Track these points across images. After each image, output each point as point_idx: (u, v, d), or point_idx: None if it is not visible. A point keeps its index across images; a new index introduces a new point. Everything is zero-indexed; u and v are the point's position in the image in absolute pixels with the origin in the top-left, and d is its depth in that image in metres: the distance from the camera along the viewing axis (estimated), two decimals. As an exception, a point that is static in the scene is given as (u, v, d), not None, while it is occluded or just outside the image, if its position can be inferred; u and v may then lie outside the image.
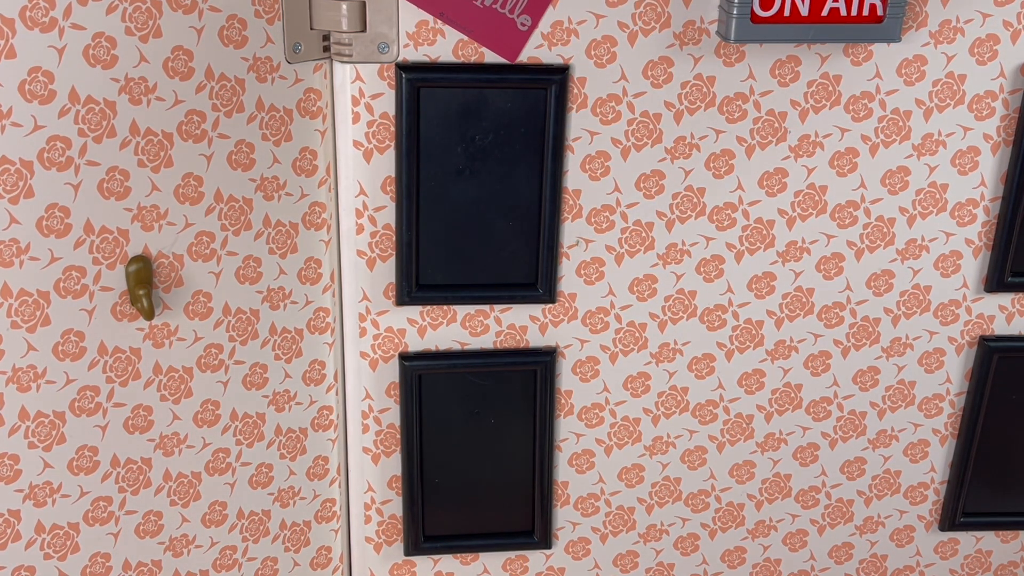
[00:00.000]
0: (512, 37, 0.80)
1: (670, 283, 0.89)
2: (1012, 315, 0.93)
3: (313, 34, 0.80)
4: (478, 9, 0.79)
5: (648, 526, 0.99)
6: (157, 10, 0.73)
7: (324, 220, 0.86)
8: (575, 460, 0.95)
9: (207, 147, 0.79)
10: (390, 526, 0.96)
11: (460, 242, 0.86)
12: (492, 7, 0.79)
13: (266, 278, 0.85)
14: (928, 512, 1.01)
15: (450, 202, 0.84)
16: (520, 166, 0.84)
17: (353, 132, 0.82)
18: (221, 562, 0.91)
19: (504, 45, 0.80)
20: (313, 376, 0.90)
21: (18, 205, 0.73)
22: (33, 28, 0.69)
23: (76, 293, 0.77)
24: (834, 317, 0.92)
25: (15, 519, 0.80)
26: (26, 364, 0.77)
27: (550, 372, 0.90)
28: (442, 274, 0.87)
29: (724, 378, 0.93)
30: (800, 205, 0.88)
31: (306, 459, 0.93)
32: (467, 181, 0.84)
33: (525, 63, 0.81)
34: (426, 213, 0.84)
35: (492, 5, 0.79)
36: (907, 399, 0.96)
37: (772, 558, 1.02)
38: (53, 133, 0.72)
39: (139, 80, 0.74)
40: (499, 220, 0.85)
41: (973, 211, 0.89)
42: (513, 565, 0.99)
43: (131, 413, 0.82)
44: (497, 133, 0.83)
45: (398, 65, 0.80)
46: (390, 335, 0.89)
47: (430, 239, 0.85)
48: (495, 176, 0.84)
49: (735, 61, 0.83)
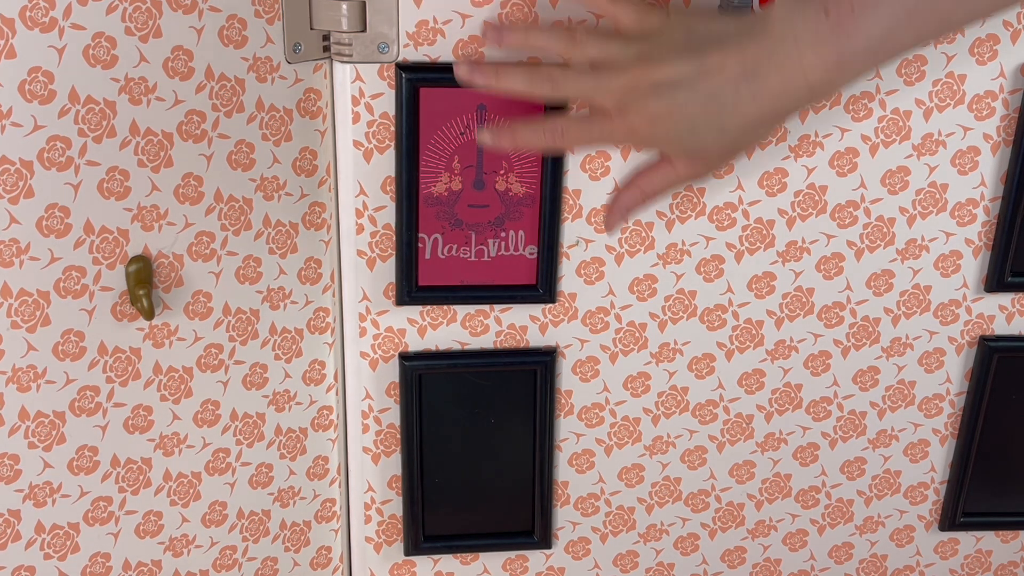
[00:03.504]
0: (524, 265, 0.85)
1: (670, 283, 0.89)
2: (1012, 315, 0.93)
3: (313, 34, 0.80)
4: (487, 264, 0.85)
5: (648, 526, 0.99)
6: (157, 10, 0.73)
7: (324, 220, 0.86)
8: (575, 460, 0.95)
9: (207, 147, 0.79)
10: (390, 526, 0.96)
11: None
12: (499, 254, 0.85)
13: (266, 278, 0.85)
14: (928, 512, 1.01)
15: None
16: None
17: (353, 132, 0.82)
18: (221, 562, 0.91)
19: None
20: (313, 376, 0.90)
21: (18, 205, 0.73)
22: (33, 28, 0.69)
23: (76, 293, 0.77)
24: (834, 317, 0.92)
25: (15, 519, 0.80)
26: (26, 364, 0.77)
27: (550, 372, 0.90)
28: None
29: (724, 378, 0.93)
30: (800, 205, 0.88)
31: (306, 459, 0.93)
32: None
33: (525, 63, 0.81)
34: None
35: (499, 253, 0.84)
36: (907, 399, 0.96)
37: (772, 558, 1.02)
38: (53, 133, 0.72)
39: (139, 80, 0.74)
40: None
41: (973, 211, 0.89)
42: (513, 565, 0.99)
43: (131, 413, 0.82)
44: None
45: (398, 65, 0.80)
46: (390, 335, 0.89)
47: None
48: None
49: (735, 61, 0.83)
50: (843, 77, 0.68)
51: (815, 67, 0.67)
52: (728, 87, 0.68)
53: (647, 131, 0.71)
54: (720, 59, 0.68)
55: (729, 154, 0.73)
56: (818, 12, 0.66)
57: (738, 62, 0.68)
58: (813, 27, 0.66)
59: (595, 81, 0.71)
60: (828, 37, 0.66)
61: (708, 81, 0.68)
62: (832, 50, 0.66)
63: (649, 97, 0.70)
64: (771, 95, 0.68)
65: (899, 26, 0.66)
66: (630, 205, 0.78)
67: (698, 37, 0.69)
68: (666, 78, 0.69)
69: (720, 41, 0.69)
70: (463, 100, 0.81)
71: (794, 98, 0.69)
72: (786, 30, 0.67)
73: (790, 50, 0.67)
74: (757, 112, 0.69)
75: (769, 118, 0.70)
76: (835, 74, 0.67)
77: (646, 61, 0.70)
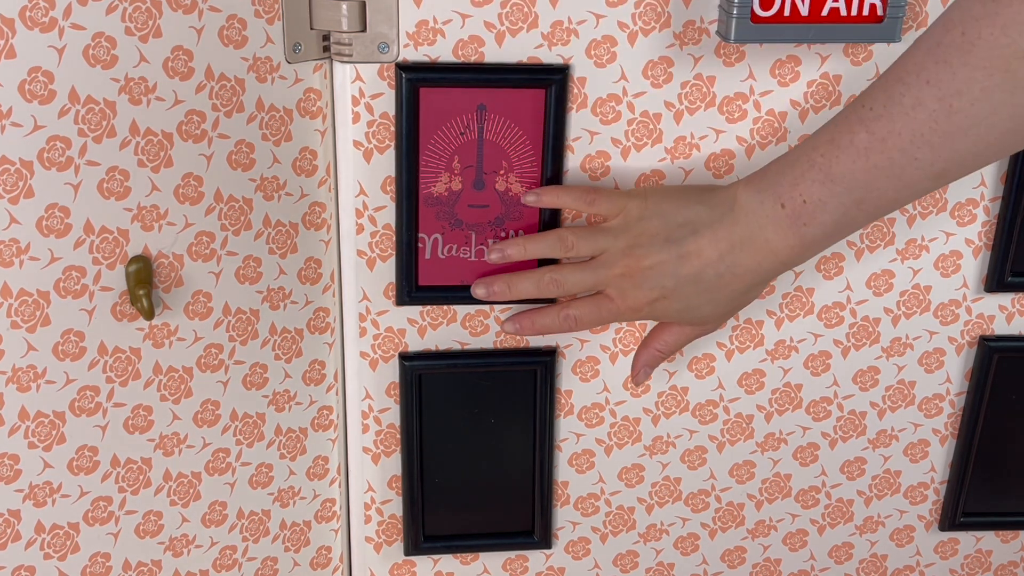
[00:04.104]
0: (525, 267, 0.85)
1: (670, 283, 0.89)
2: (1012, 315, 0.93)
3: (313, 34, 0.80)
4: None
5: (648, 526, 0.99)
6: (157, 10, 0.73)
7: (324, 220, 0.86)
8: (575, 460, 0.95)
9: (207, 147, 0.79)
10: (390, 526, 0.96)
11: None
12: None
13: (266, 278, 0.85)
14: (928, 512, 1.01)
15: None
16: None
17: (353, 132, 0.82)
18: (221, 562, 0.91)
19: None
20: (313, 376, 0.90)
21: (18, 205, 0.73)
22: (33, 28, 0.69)
23: (76, 293, 0.77)
24: (834, 317, 0.92)
25: (15, 519, 0.80)
26: (26, 364, 0.77)
27: (550, 372, 0.90)
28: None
29: (724, 378, 0.93)
30: (800, 205, 0.88)
31: (306, 459, 0.93)
32: (467, 181, 0.84)
33: (525, 63, 0.81)
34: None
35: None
36: (907, 399, 0.96)
37: (772, 558, 1.02)
38: (53, 133, 0.72)
39: (139, 80, 0.74)
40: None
41: (973, 211, 0.89)
42: (513, 565, 0.99)
43: (131, 413, 0.82)
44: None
45: (398, 65, 0.80)
46: (390, 335, 0.89)
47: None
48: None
49: (735, 61, 0.83)
50: (810, 252, 0.75)
51: (781, 249, 0.75)
52: (709, 270, 0.77)
53: (648, 310, 0.80)
54: (697, 247, 0.77)
55: (727, 316, 0.81)
56: (775, 205, 0.74)
57: (713, 248, 0.76)
58: (772, 217, 0.74)
59: (593, 276, 0.80)
60: (787, 226, 0.74)
61: (689, 267, 0.77)
62: (793, 235, 0.74)
63: (641, 284, 0.78)
64: (748, 271, 0.76)
65: (849, 213, 0.72)
66: (650, 364, 0.85)
67: (675, 225, 0.78)
68: (652, 267, 0.78)
69: (695, 229, 0.77)
70: (463, 100, 0.81)
71: (768, 271, 0.77)
72: (750, 219, 0.75)
73: (756, 236, 0.75)
74: (741, 284, 0.77)
75: (754, 285, 0.78)
76: (800, 251, 0.75)
77: (632, 252, 0.78)
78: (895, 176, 0.69)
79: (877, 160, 0.69)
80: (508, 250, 0.83)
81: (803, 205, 0.73)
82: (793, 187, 0.73)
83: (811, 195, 0.72)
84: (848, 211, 0.72)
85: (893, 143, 0.68)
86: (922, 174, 0.68)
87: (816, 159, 0.72)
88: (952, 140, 0.66)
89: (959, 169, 0.68)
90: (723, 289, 0.78)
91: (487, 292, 0.83)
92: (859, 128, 0.69)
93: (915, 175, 0.68)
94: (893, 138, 0.68)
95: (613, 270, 0.79)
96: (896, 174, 0.69)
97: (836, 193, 0.71)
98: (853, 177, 0.70)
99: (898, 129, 0.67)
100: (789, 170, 0.74)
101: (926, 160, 0.67)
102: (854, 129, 0.70)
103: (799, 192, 0.72)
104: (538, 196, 0.83)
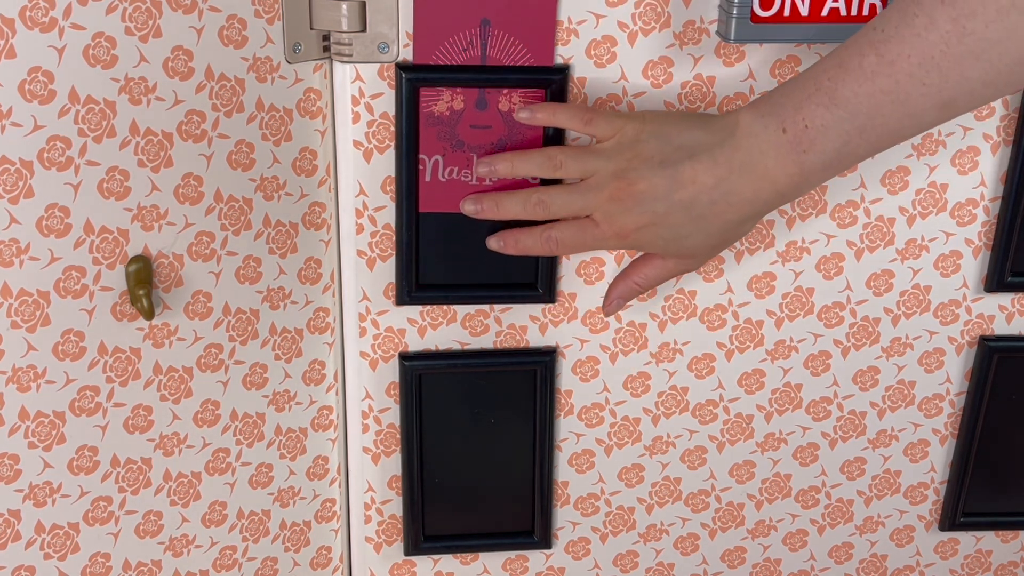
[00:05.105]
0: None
1: (670, 283, 0.89)
2: (1012, 315, 0.93)
3: (313, 34, 0.80)
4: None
5: (648, 526, 0.99)
6: (157, 10, 0.73)
7: (324, 220, 0.86)
8: (575, 460, 0.95)
9: (207, 147, 0.79)
10: (390, 526, 0.96)
11: (460, 242, 0.86)
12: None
13: (266, 278, 0.85)
14: (928, 512, 1.01)
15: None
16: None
17: (353, 132, 0.82)
18: (221, 562, 0.91)
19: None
20: (313, 376, 0.90)
21: (18, 205, 0.73)
22: (33, 28, 0.69)
23: (76, 293, 0.77)
24: (834, 317, 0.92)
25: (15, 519, 0.80)
26: (26, 364, 0.77)
27: (550, 372, 0.90)
28: (442, 274, 0.87)
29: (724, 378, 0.93)
30: (799, 204, 0.88)
31: (306, 459, 0.93)
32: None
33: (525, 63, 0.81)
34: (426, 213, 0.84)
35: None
36: (907, 399, 0.96)
37: (772, 558, 1.02)
38: (53, 133, 0.72)
39: (139, 80, 0.74)
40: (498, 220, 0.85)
41: (973, 211, 0.89)
42: (513, 565, 0.99)
43: (131, 413, 0.82)
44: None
45: (398, 65, 0.80)
46: (390, 335, 0.89)
47: (430, 239, 0.85)
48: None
49: (735, 61, 0.83)
50: (808, 183, 0.73)
51: (780, 177, 0.73)
52: (703, 196, 0.74)
53: (634, 237, 0.77)
54: (692, 172, 0.74)
55: (715, 250, 0.79)
56: (777, 129, 0.72)
57: (710, 174, 0.74)
58: (774, 142, 0.72)
59: (581, 199, 0.77)
60: (787, 152, 0.72)
61: (683, 193, 0.74)
62: (793, 162, 0.72)
63: (631, 209, 0.75)
64: (744, 200, 0.74)
65: (851, 142, 0.70)
66: (624, 296, 0.83)
67: (671, 148, 0.75)
68: (644, 191, 0.75)
69: (692, 153, 0.74)
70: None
71: (766, 202, 0.74)
72: (751, 144, 0.73)
73: (756, 162, 0.73)
74: (735, 215, 0.75)
75: (747, 217, 0.76)
76: (799, 180, 0.73)
77: (624, 176, 0.75)
78: (900, 102, 0.67)
79: (883, 84, 0.67)
80: (496, 164, 0.80)
81: (804, 130, 0.71)
82: (796, 111, 0.71)
83: (813, 120, 0.70)
84: (850, 139, 0.70)
85: (901, 66, 0.66)
86: (929, 102, 0.67)
87: (823, 83, 0.70)
88: (962, 65, 0.64)
89: (968, 99, 0.66)
90: (715, 218, 0.75)
91: (475, 208, 0.81)
92: (868, 51, 0.68)
93: (921, 102, 0.67)
94: (902, 61, 0.66)
95: (602, 193, 0.76)
96: (902, 100, 0.67)
97: (839, 118, 0.69)
98: (857, 102, 0.68)
99: (907, 52, 0.66)
100: (794, 93, 0.72)
101: (934, 86, 0.66)
102: (864, 52, 0.68)
103: (802, 116, 0.71)
104: (532, 113, 0.79)
